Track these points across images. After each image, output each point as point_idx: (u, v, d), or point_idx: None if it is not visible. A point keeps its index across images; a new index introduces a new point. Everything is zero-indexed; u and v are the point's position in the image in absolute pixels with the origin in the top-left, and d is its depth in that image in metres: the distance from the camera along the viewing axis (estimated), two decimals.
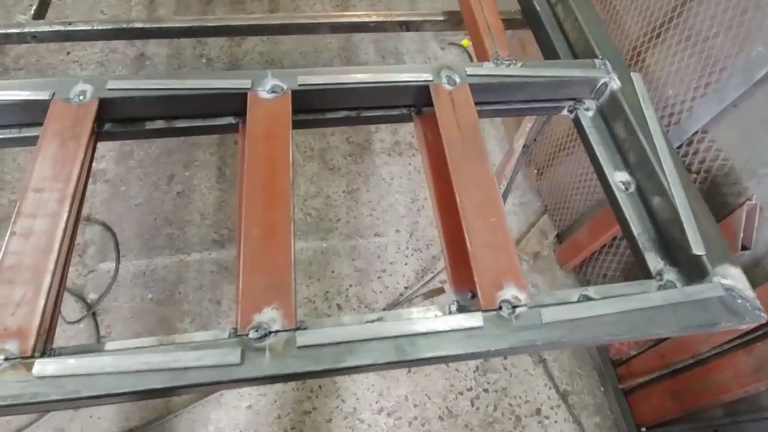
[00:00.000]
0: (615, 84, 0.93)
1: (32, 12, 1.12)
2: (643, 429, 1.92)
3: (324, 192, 2.46)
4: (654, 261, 0.81)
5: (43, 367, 0.58)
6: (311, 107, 0.90)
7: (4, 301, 0.61)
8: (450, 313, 0.71)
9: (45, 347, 0.62)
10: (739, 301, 0.72)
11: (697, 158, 1.51)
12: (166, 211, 2.35)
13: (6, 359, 0.58)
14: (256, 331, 0.62)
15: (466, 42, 3.08)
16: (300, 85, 0.84)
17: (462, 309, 0.72)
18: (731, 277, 0.75)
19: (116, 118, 0.83)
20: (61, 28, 1.09)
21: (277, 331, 0.63)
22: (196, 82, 0.81)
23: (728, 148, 1.42)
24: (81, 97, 0.77)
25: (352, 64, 2.97)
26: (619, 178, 0.89)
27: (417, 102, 0.92)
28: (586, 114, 0.96)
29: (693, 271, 0.77)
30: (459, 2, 1.13)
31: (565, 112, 1.00)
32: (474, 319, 0.66)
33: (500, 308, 0.68)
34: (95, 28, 1.09)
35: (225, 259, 2.24)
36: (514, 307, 0.68)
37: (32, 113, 0.77)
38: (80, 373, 0.58)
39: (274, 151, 0.77)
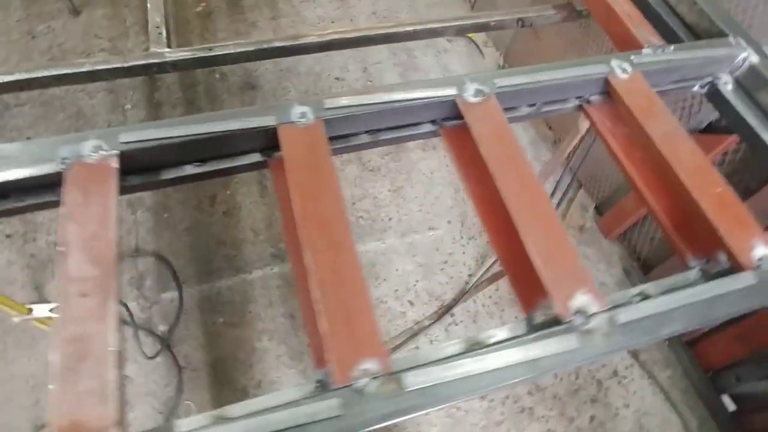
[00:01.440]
0: (754, 58, 1.02)
1: (165, 40, 1.08)
2: (710, 373, 2.09)
3: (370, 193, 2.48)
4: None
5: None
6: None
7: None
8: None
9: None
10: None
11: None
12: (216, 233, 2.31)
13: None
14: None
15: (472, 34, 3.15)
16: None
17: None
18: None
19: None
20: (202, 54, 1.07)
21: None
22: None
23: None
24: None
25: (367, 64, 2.98)
26: None
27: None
28: (726, 88, 1.05)
29: None
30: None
31: (696, 88, 1.09)
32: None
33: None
34: (237, 50, 1.07)
35: (288, 272, 2.23)
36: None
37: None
38: None
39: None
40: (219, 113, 0.77)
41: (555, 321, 0.67)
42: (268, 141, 0.78)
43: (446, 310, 2.20)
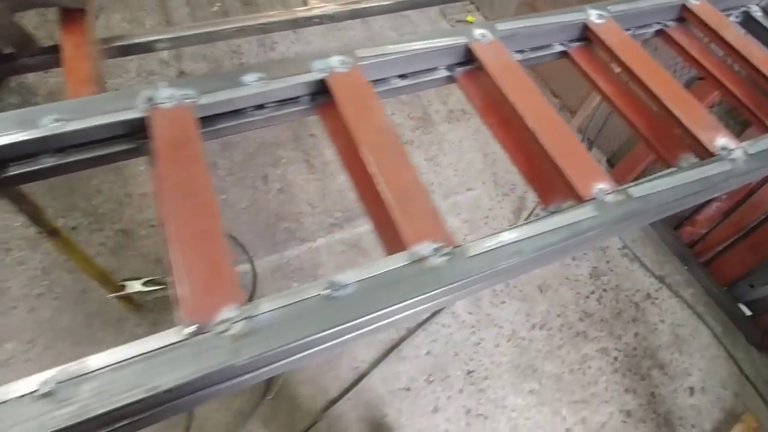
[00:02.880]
0: None
1: None
2: (726, 287, 2.42)
3: None
4: None
5: None
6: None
7: None
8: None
9: None
10: None
11: None
12: (274, 208, 2.44)
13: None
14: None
15: (471, 18, 3.44)
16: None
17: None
18: None
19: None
20: (354, 6, 1.26)
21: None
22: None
23: None
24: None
25: (369, 24, 3.19)
26: None
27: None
28: (757, 14, 1.35)
29: None
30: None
31: (732, 18, 1.38)
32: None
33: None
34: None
35: (349, 237, 2.39)
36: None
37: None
38: None
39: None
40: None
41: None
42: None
43: None
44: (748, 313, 2.36)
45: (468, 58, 1.03)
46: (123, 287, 1.94)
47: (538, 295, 2.35)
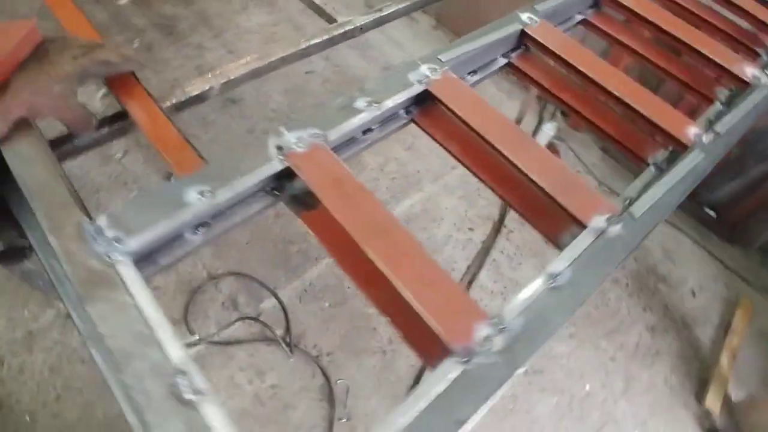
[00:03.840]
0: None
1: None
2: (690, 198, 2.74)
3: (390, 157, 2.72)
4: None
5: None
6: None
7: None
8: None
9: None
10: None
11: None
12: (278, 234, 2.37)
13: None
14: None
15: None
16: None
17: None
18: None
19: None
20: (378, 14, 1.24)
21: None
22: None
23: None
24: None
25: (328, 52, 3.16)
26: None
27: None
28: None
29: None
30: None
31: None
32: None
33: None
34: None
35: None
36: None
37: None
38: None
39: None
40: None
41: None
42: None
43: (500, 224, 2.55)
44: (714, 215, 2.70)
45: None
46: None
47: (546, 248, 2.51)
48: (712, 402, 2.11)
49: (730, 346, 2.26)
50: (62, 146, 0.87)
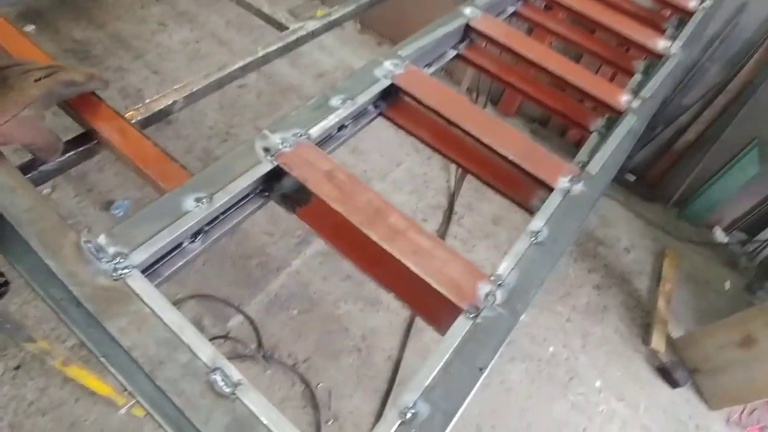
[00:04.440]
0: None
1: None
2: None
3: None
4: None
5: None
6: None
7: None
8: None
9: None
10: None
11: None
12: (235, 252, 2.33)
13: None
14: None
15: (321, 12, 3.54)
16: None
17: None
18: None
19: None
20: (328, 19, 1.28)
21: None
22: None
23: None
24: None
25: None
26: None
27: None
28: None
29: None
30: None
31: None
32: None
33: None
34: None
35: (320, 248, 2.40)
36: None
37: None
38: None
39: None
40: None
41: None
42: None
43: (449, 212, 2.67)
44: (634, 178, 2.99)
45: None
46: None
47: (495, 228, 2.67)
48: (657, 342, 2.35)
49: (665, 292, 2.53)
50: (28, 173, 0.84)
